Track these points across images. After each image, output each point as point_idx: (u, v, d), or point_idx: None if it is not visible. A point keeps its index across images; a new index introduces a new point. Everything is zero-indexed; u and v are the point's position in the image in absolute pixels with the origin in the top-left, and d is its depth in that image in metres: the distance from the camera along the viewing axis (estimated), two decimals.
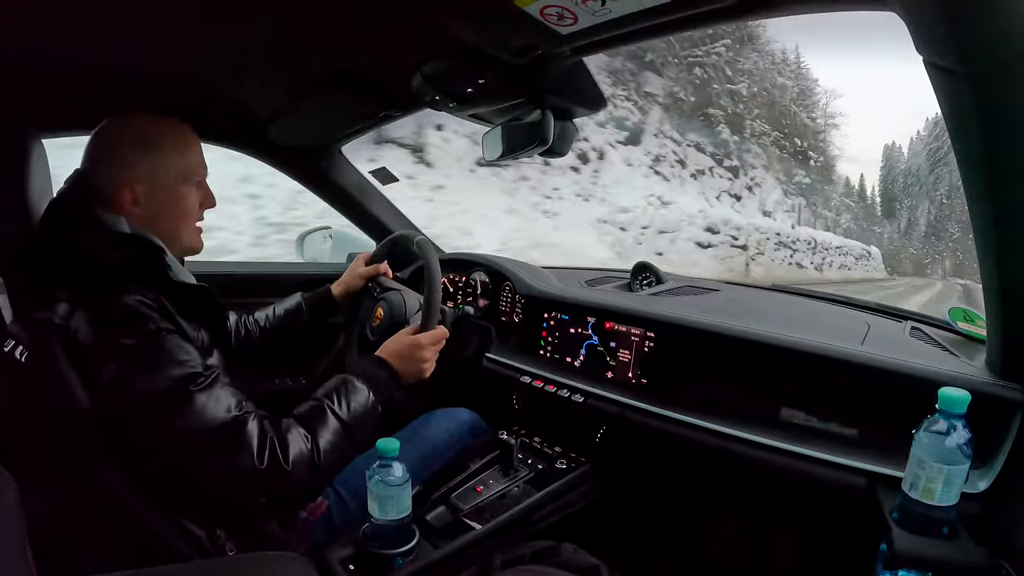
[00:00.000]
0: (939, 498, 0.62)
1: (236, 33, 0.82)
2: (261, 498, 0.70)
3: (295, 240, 1.86)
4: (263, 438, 0.69)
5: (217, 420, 0.67)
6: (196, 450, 0.66)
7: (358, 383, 0.81)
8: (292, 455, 0.69)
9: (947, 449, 0.60)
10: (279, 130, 1.26)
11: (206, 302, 0.77)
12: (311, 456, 0.71)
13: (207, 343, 0.76)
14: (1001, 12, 0.42)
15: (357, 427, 0.78)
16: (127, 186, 0.76)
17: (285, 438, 0.70)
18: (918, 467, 0.62)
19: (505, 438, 1.04)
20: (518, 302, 1.30)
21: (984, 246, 0.61)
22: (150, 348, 0.66)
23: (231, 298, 0.95)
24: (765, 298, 1.41)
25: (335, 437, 0.75)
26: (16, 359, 0.67)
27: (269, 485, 0.68)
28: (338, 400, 0.78)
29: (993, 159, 0.52)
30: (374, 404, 0.81)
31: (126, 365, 0.65)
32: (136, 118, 0.79)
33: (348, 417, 0.77)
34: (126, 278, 0.69)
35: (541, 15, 0.63)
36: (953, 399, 0.61)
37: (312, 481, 0.73)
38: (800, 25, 31.34)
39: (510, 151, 0.94)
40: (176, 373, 0.66)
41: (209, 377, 0.69)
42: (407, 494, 0.81)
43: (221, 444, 0.67)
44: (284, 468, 0.68)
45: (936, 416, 0.62)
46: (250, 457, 0.67)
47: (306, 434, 0.73)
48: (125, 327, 0.66)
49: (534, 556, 0.77)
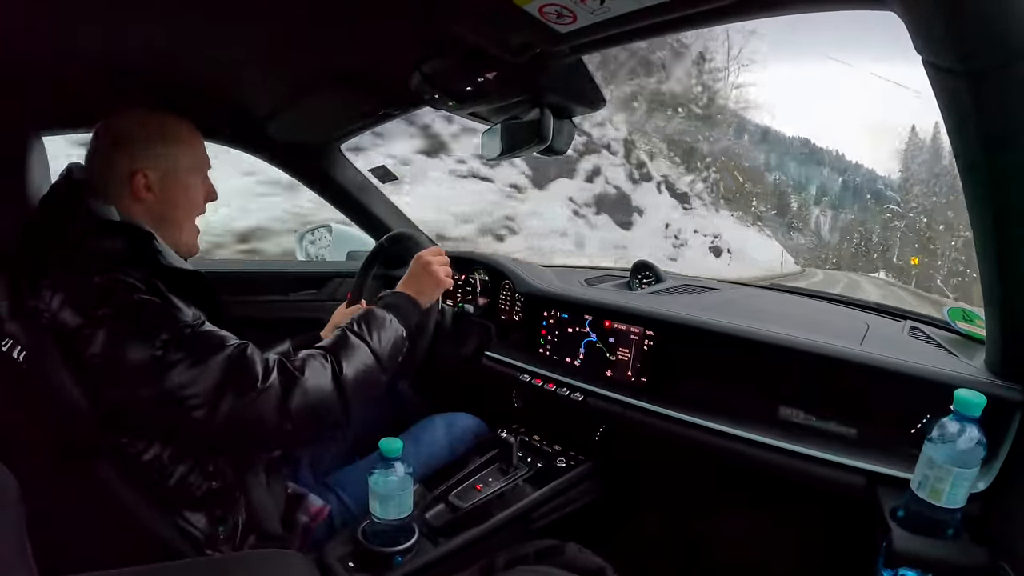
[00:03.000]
0: (946, 500, 0.62)
1: (235, 31, 0.82)
2: (285, 423, 0.69)
3: (294, 239, 1.87)
4: (265, 361, 0.70)
5: (215, 357, 0.67)
6: (202, 392, 0.66)
7: (377, 311, 0.84)
8: (309, 371, 0.71)
9: (959, 451, 0.60)
10: (278, 128, 1.26)
11: (199, 287, 0.77)
12: (332, 372, 0.73)
13: (201, 321, 0.76)
14: (1000, 12, 0.42)
15: (380, 348, 0.80)
16: (140, 172, 0.77)
17: (302, 359, 0.72)
18: (928, 467, 0.62)
19: (505, 436, 1.03)
20: (518, 300, 1.30)
21: (983, 246, 0.61)
22: (134, 314, 0.66)
23: (231, 296, 0.95)
24: (764, 297, 1.41)
25: (360, 356, 0.77)
26: (14, 358, 0.67)
27: (287, 406, 0.68)
28: (358, 326, 0.81)
29: (992, 159, 0.52)
30: (396, 325, 0.84)
31: (113, 333, 0.65)
32: (147, 112, 0.81)
33: (370, 339, 0.79)
34: (115, 263, 0.69)
35: (540, 13, 0.63)
36: (968, 402, 0.60)
37: (337, 397, 0.73)
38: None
39: (509, 149, 0.94)
40: (164, 330, 0.66)
41: (197, 325, 0.69)
42: (409, 494, 0.81)
43: (225, 376, 0.67)
44: (301, 385, 0.69)
45: (950, 417, 0.62)
46: (255, 380, 0.67)
47: (325, 355, 0.74)
48: (105, 301, 0.66)
49: (538, 556, 0.77)
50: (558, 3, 0.60)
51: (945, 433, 0.62)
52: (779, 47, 70.96)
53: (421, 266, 0.96)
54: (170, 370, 0.65)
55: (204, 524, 0.72)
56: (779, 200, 43.07)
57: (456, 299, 1.47)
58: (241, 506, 0.77)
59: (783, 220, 41.03)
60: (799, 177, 52.37)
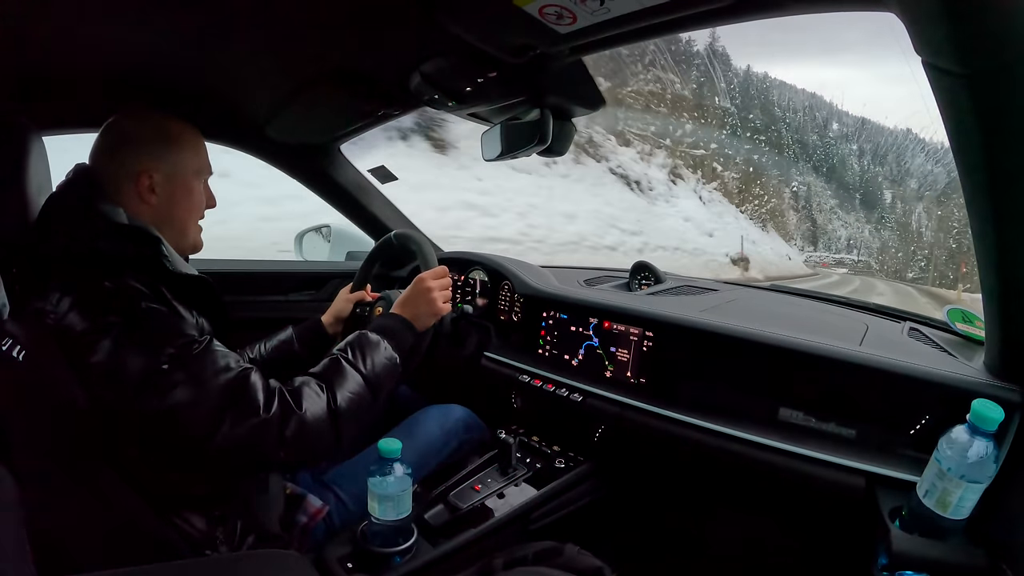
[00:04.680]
0: (952, 511, 0.61)
1: (235, 31, 0.82)
2: (279, 451, 0.69)
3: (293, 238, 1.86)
4: (268, 389, 0.70)
5: (218, 379, 0.67)
6: (203, 415, 0.65)
7: (371, 335, 0.83)
8: (306, 402, 0.70)
9: (970, 465, 0.59)
10: (278, 128, 1.26)
11: (206, 294, 0.77)
12: (327, 402, 0.72)
13: (207, 331, 0.76)
14: (1000, 12, 0.42)
15: (373, 375, 0.79)
16: (145, 174, 0.77)
17: (298, 388, 0.72)
18: (937, 477, 0.61)
19: (504, 437, 1.03)
20: (517, 301, 1.30)
21: (983, 247, 0.61)
22: (141, 324, 0.66)
23: (231, 297, 0.95)
24: (763, 298, 1.41)
25: (352, 384, 0.76)
26: (14, 358, 0.67)
27: (284, 435, 0.68)
28: (352, 352, 0.80)
29: (992, 160, 0.52)
30: (389, 351, 0.83)
31: (118, 342, 0.64)
32: (153, 113, 0.81)
33: (363, 366, 0.78)
34: (123, 267, 0.69)
35: (540, 15, 0.63)
36: (984, 416, 0.59)
37: (331, 427, 0.72)
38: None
39: (509, 150, 0.94)
40: (170, 343, 0.66)
41: (203, 342, 0.69)
42: (408, 495, 0.81)
43: (227, 401, 0.66)
44: (298, 416, 0.69)
45: (964, 428, 0.61)
46: (256, 408, 0.67)
47: (320, 383, 0.74)
48: (114, 307, 0.66)
49: (536, 557, 0.77)
50: (558, 4, 0.60)
51: (957, 444, 0.60)
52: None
53: (420, 290, 0.93)
54: (173, 388, 0.65)
55: (203, 524, 0.72)
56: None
57: (455, 299, 1.47)
58: (240, 506, 0.77)
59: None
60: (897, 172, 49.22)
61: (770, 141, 21.24)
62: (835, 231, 58.53)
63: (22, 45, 0.78)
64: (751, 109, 27.19)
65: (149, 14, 0.73)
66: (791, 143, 24.27)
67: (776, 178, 22.11)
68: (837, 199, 59.07)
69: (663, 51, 16.26)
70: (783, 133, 22.85)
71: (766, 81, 48.15)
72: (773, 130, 21.84)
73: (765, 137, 21.89)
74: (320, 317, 1.14)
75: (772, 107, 34.28)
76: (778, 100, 47.12)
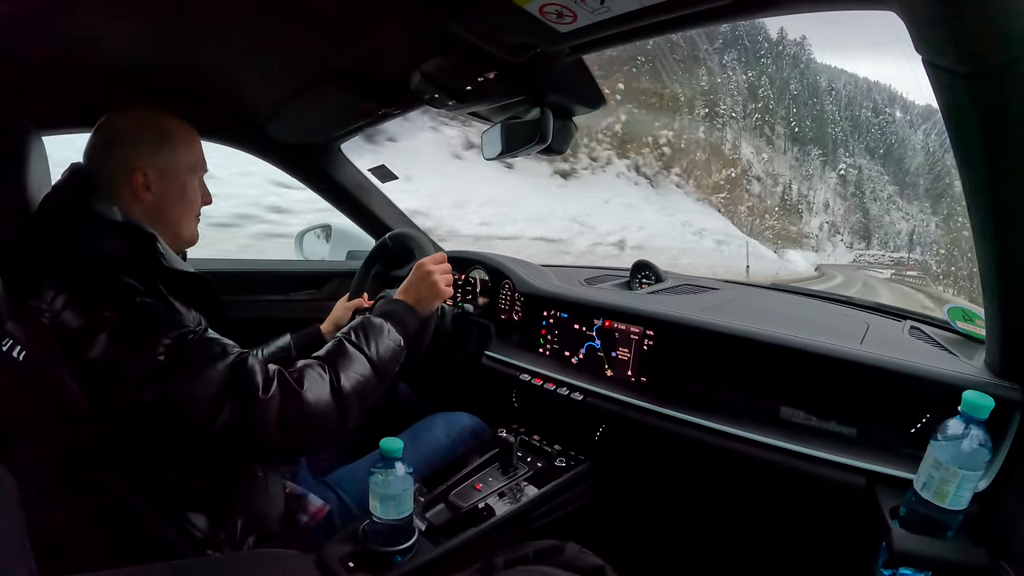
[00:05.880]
0: (950, 502, 0.61)
1: (235, 30, 0.82)
2: (282, 435, 0.68)
3: (293, 238, 1.86)
4: (267, 371, 0.69)
5: (216, 366, 0.67)
6: (203, 402, 0.65)
7: (375, 319, 0.83)
8: (308, 382, 0.70)
9: (965, 453, 0.60)
10: (278, 127, 1.26)
11: (202, 291, 0.77)
12: (330, 383, 0.72)
13: (203, 325, 0.76)
14: (1000, 12, 0.42)
15: (378, 358, 0.79)
16: (140, 171, 0.77)
17: (300, 370, 0.72)
18: (934, 468, 0.62)
19: (504, 436, 1.03)
20: (517, 300, 1.30)
21: (983, 246, 0.61)
22: (137, 318, 0.66)
23: (230, 296, 0.95)
24: (764, 297, 1.41)
25: (357, 366, 0.76)
26: (14, 358, 0.67)
27: (285, 418, 0.68)
28: (356, 335, 0.80)
29: (993, 159, 0.52)
30: (394, 335, 0.83)
31: (115, 337, 0.64)
32: (147, 111, 0.81)
33: (368, 348, 0.78)
34: (117, 265, 0.69)
35: (540, 13, 0.63)
36: (976, 404, 0.60)
37: (335, 409, 0.72)
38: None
39: (509, 149, 0.95)
40: (166, 335, 0.66)
41: (199, 332, 0.69)
42: (409, 494, 0.81)
43: (226, 387, 0.66)
44: (300, 396, 0.69)
45: (957, 419, 0.62)
46: (256, 390, 0.67)
47: (323, 364, 0.74)
48: (109, 303, 0.66)
49: (537, 556, 0.76)
50: (558, 3, 0.60)
51: (951, 434, 0.61)
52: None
53: (421, 275, 0.94)
54: (171, 377, 0.64)
55: (204, 524, 0.72)
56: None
57: (456, 298, 1.47)
58: (241, 506, 0.77)
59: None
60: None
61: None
62: (893, 223, 54.34)
63: (22, 45, 0.78)
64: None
65: (150, 14, 0.73)
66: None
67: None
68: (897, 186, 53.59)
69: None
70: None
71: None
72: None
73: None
74: (319, 325, 1.14)
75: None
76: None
